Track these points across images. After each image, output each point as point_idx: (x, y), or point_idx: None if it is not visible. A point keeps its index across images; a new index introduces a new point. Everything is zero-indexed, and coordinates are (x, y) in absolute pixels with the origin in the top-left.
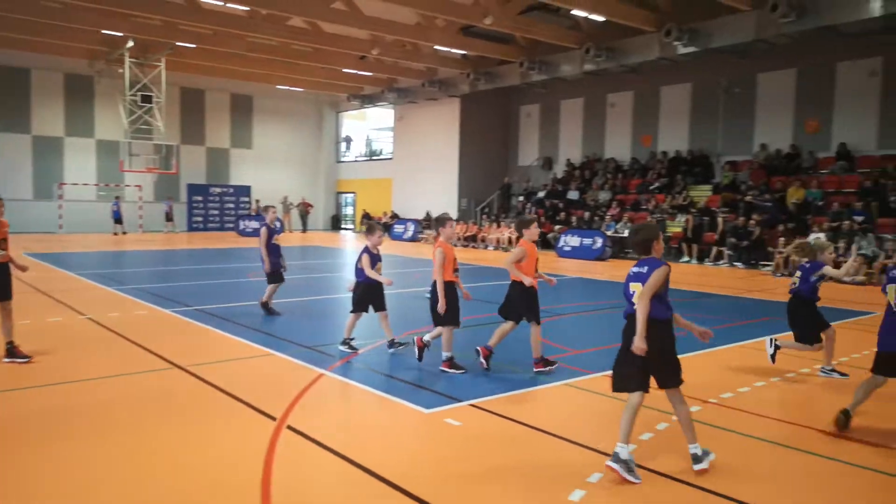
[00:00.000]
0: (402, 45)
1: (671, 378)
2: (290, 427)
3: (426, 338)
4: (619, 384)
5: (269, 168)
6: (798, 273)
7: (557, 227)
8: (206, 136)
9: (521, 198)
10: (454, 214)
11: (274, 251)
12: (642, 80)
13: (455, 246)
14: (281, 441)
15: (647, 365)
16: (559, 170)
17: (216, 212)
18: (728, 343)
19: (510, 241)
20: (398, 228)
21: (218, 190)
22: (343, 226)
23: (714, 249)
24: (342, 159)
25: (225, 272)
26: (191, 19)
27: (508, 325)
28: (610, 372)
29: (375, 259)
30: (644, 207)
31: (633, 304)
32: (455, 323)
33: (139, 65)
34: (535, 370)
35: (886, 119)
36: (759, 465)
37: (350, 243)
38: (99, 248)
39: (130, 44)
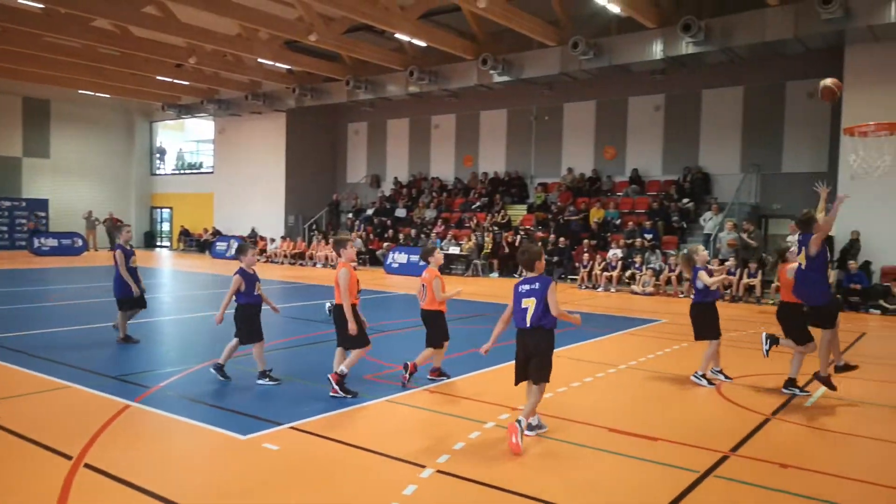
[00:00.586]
0: (222, 56)
1: (545, 375)
2: (87, 465)
3: (343, 369)
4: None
5: (70, 180)
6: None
7: (385, 244)
8: None
9: (349, 215)
10: (280, 231)
11: (133, 274)
12: (463, 105)
13: (282, 264)
14: (77, 481)
15: (530, 363)
16: (387, 188)
17: (5, 228)
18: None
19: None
20: (220, 246)
21: (7, 203)
22: (158, 243)
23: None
24: (157, 172)
25: (18, 296)
26: None
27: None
28: (430, 386)
29: (253, 279)
30: (467, 225)
31: (526, 319)
32: (365, 344)
33: None
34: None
35: (668, 148)
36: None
37: (167, 262)
38: None
39: None
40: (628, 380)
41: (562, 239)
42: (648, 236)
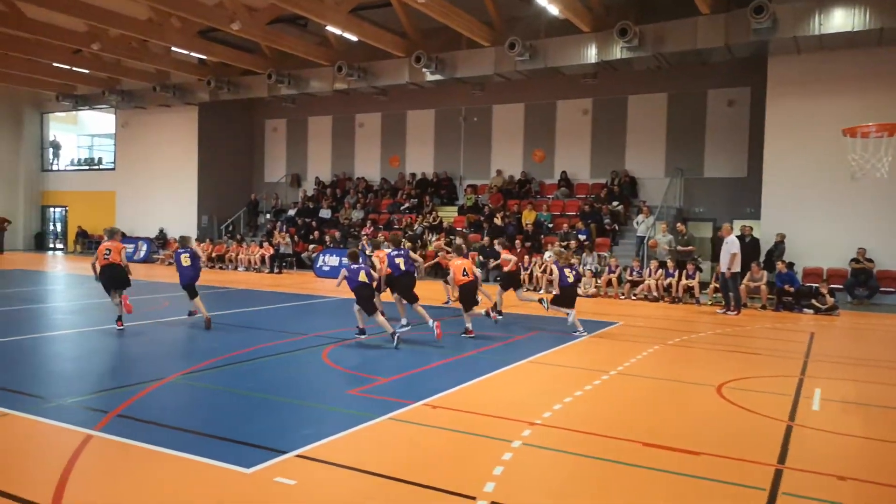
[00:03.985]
0: (128, 43)
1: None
2: None
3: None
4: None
5: None
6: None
7: (312, 246)
8: None
9: (268, 215)
10: (193, 232)
11: None
12: (390, 103)
13: (203, 268)
14: None
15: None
16: (308, 187)
17: None
18: (516, 361)
19: (263, 262)
20: (128, 248)
21: None
22: (52, 245)
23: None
24: (49, 168)
25: None
26: None
27: None
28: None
29: None
30: (397, 227)
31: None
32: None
33: None
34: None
35: (596, 151)
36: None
37: (61, 265)
38: None
39: None
40: (629, 387)
41: (496, 241)
42: (582, 237)
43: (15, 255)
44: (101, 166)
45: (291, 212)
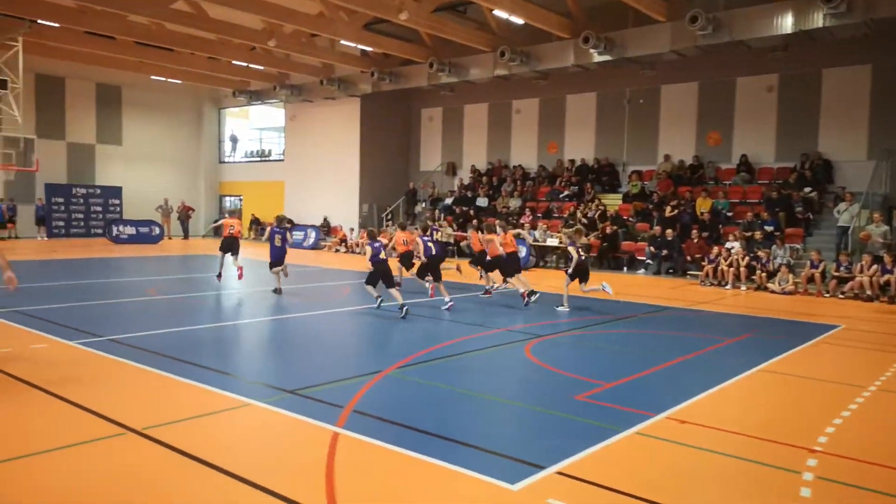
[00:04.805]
0: (299, 38)
1: None
2: None
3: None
4: None
5: (141, 167)
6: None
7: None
8: (67, 130)
9: (423, 204)
10: (354, 220)
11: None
12: (549, 88)
13: (364, 254)
14: None
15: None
16: (464, 176)
17: (80, 216)
18: (746, 370)
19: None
20: (297, 235)
21: (82, 191)
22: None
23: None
24: (226, 160)
25: (118, 289)
26: None
27: None
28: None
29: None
30: (556, 215)
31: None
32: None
33: None
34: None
35: (782, 132)
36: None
37: (250, 251)
38: None
39: None
40: None
41: (668, 231)
42: (769, 228)
43: (198, 241)
44: (271, 158)
45: (448, 200)
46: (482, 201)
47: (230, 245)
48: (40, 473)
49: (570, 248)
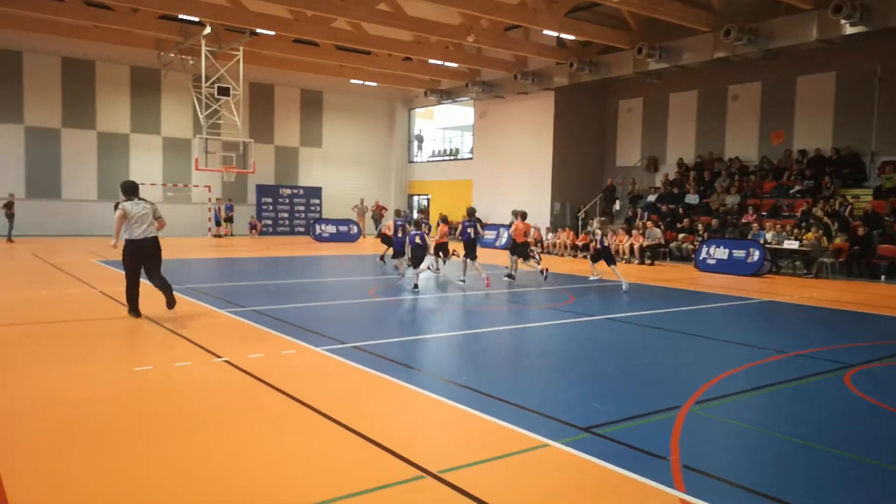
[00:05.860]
0: (495, 31)
1: None
2: None
3: None
4: None
5: (338, 168)
6: None
7: (681, 235)
8: (275, 134)
9: (618, 202)
10: (545, 219)
11: None
12: (774, 69)
13: (561, 255)
14: None
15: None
16: (669, 171)
17: (286, 214)
18: None
19: (632, 252)
20: (488, 235)
21: (287, 191)
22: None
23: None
24: (413, 159)
25: (340, 288)
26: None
27: None
28: None
29: None
30: (785, 213)
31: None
32: None
33: (212, 55)
34: None
35: None
36: None
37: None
38: (182, 256)
39: (207, 30)
40: None
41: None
42: None
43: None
44: (460, 156)
45: (651, 197)
46: (692, 198)
47: (441, 247)
48: None
49: (598, 237)
